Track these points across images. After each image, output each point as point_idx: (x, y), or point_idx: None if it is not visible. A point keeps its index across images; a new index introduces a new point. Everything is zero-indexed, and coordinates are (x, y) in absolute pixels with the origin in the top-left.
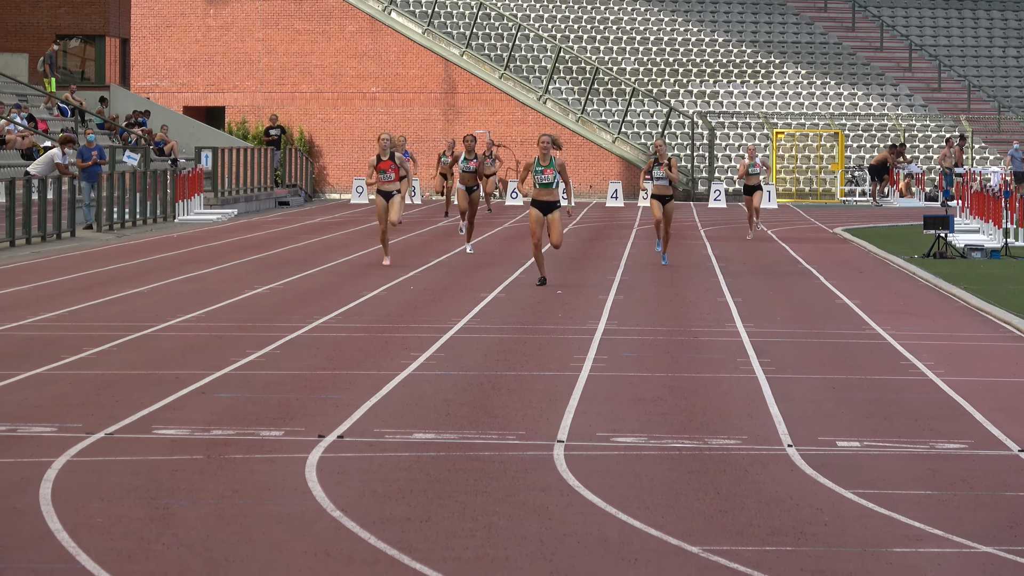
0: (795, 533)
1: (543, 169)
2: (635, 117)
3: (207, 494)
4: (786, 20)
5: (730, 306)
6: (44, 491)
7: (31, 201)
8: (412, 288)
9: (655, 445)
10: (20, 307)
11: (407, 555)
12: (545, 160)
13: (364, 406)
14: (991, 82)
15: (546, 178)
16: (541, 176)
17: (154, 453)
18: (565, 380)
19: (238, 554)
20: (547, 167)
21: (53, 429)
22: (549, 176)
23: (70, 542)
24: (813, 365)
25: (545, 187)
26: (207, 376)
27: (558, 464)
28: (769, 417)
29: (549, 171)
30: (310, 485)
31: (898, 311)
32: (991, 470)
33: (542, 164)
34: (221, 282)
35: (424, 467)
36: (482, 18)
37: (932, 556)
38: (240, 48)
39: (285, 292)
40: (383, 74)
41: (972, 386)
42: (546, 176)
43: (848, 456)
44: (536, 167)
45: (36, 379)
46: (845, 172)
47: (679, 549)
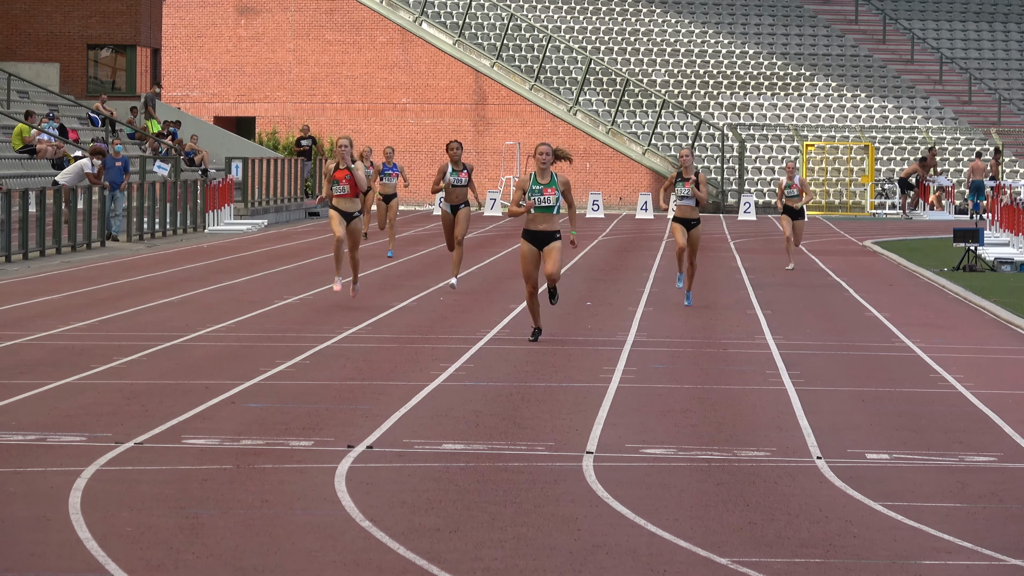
0: (824, 545)
1: (542, 188)
2: (665, 129)
3: (237, 504)
4: (817, 32)
5: (759, 318)
6: (74, 500)
7: (62, 211)
8: (441, 299)
9: (684, 456)
10: (51, 316)
11: (436, 565)
12: (544, 177)
13: (393, 417)
14: (1022, 95)
15: (546, 200)
16: (539, 198)
17: (184, 463)
18: (594, 391)
19: (268, 564)
20: (547, 186)
21: (83, 438)
22: (550, 198)
23: (100, 551)
24: (842, 377)
25: (543, 212)
26: (237, 386)
27: (587, 475)
28: (798, 429)
29: (550, 191)
30: (339, 495)
31: (928, 324)
32: (1020, 483)
33: (540, 182)
34: (251, 292)
35: (453, 478)
36: (513, 29)
37: (961, 569)
38: (271, 58)
39: (315, 303)
40: (413, 85)
41: (1001, 399)
42: (546, 198)
43: (877, 468)
44: (532, 186)
45: (66, 388)
46: (875, 185)
47: (708, 560)
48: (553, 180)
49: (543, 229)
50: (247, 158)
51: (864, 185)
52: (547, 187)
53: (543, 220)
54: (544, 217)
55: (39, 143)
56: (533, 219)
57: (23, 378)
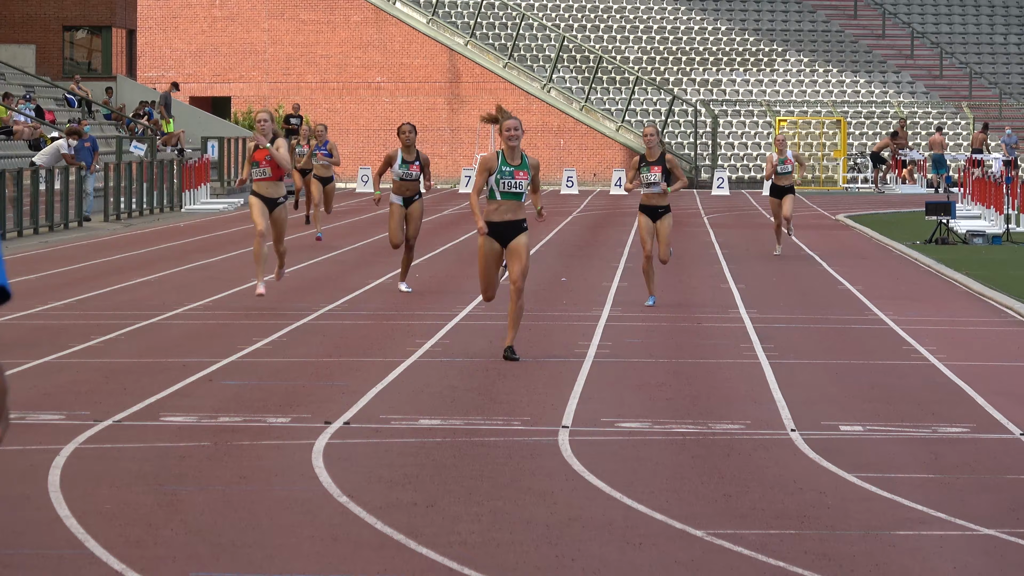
0: (799, 516)
1: (512, 171)
2: (639, 106)
3: (215, 480)
4: (788, 8)
5: (733, 292)
6: (53, 478)
7: (39, 191)
8: (418, 276)
9: (659, 430)
10: (29, 296)
11: (413, 540)
12: (515, 158)
13: (370, 393)
14: (992, 69)
15: (516, 185)
16: (509, 182)
17: (162, 440)
18: (570, 366)
19: (246, 540)
20: (518, 168)
21: (61, 417)
22: (521, 182)
23: (79, 528)
24: (816, 350)
25: (512, 199)
26: (214, 364)
27: (563, 449)
28: (772, 402)
29: (522, 174)
30: (317, 471)
31: (900, 297)
32: (993, 454)
33: (511, 163)
34: (228, 271)
35: (430, 453)
36: (486, 8)
37: (935, 539)
38: (246, 39)
39: (291, 280)
40: (388, 64)
41: (974, 370)
42: (517, 182)
43: (851, 440)
44: (502, 167)
45: (44, 367)
46: (847, 159)
47: (683, 532)
48: (524, 161)
49: (509, 220)
50: (223, 138)
51: (836, 159)
52: (518, 169)
53: (510, 209)
54: (512, 206)
55: (15, 124)
56: (498, 208)
57: (1, 357)
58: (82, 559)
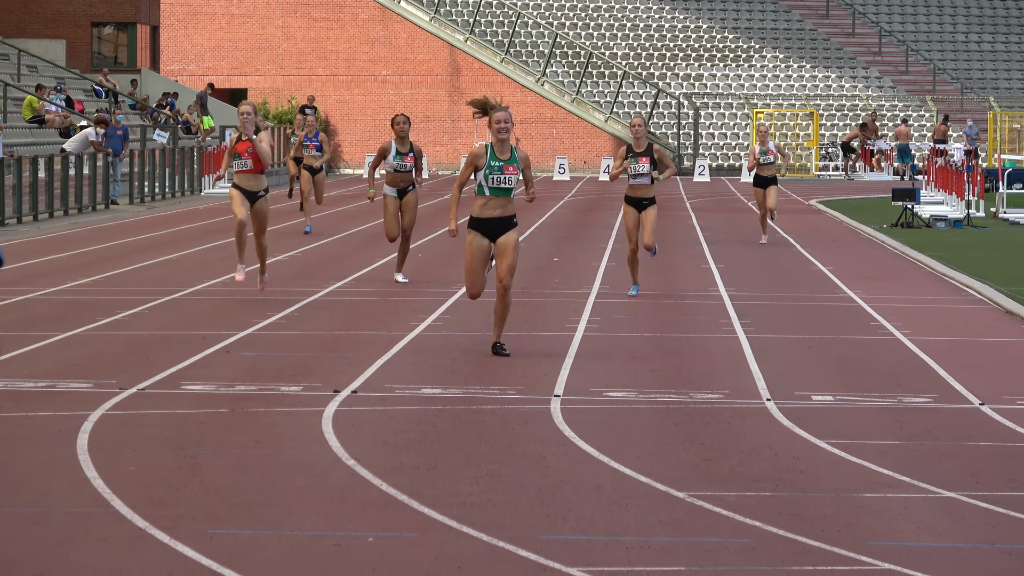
0: (773, 480)
1: (502, 165)
2: (626, 98)
3: (231, 445)
4: (765, 8)
5: (714, 272)
6: (81, 442)
7: (68, 176)
8: (420, 256)
9: (644, 399)
10: (59, 273)
11: (416, 500)
12: (504, 152)
13: (376, 363)
14: (954, 65)
15: (506, 180)
16: (498, 177)
17: (182, 407)
18: (562, 340)
19: (260, 500)
20: (508, 162)
21: (89, 385)
22: (511, 177)
23: (105, 489)
24: (790, 326)
25: (500, 195)
26: (231, 336)
27: (555, 417)
28: (749, 373)
29: (511, 169)
30: (326, 436)
31: (868, 276)
32: (954, 422)
33: (500, 157)
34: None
35: (431, 420)
36: (485, 6)
37: (900, 501)
38: (261, 35)
39: (303, 259)
40: (393, 58)
41: (936, 345)
42: (506, 177)
43: (822, 409)
44: (491, 162)
45: (73, 339)
46: (820, 149)
47: (667, 495)
48: (514, 156)
49: (499, 216)
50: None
51: (809, 149)
52: (508, 164)
53: (499, 205)
54: (501, 202)
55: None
56: (486, 204)
57: (34, 330)
58: (108, 517)
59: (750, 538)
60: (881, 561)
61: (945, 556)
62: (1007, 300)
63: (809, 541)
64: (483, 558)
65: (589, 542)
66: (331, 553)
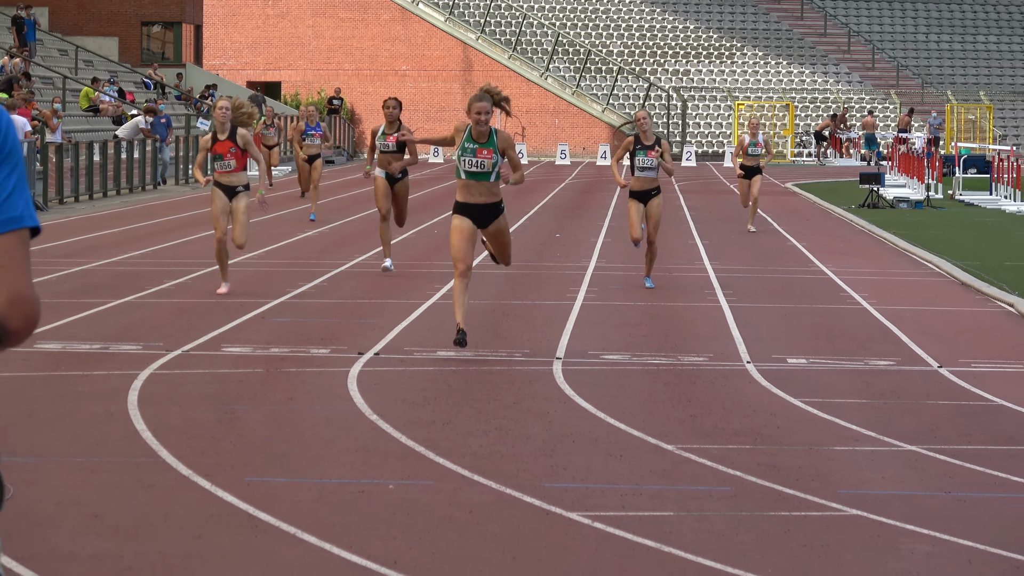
0: (753, 434)
1: (475, 149)
2: (621, 91)
3: (266, 401)
4: (746, 10)
5: (699, 248)
6: (132, 398)
7: (120, 159)
8: (436, 232)
9: (637, 362)
10: (112, 247)
11: (432, 451)
12: (481, 135)
13: (396, 329)
14: (916, 62)
15: (479, 164)
16: (470, 160)
17: (222, 367)
18: (562, 308)
19: (292, 451)
20: (483, 146)
21: (139, 347)
22: (485, 161)
23: (153, 440)
24: (768, 296)
25: (477, 179)
26: (266, 304)
27: (557, 377)
28: (731, 339)
29: (486, 152)
30: (352, 394)
31: (838, 252)
32: (915, 383)
33: (476, 141)
34: (277, 226)
35: (446, 379)
36: (494, 8)
37: (866, 453)
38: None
39: (331, 235)
40: (412, 55)
41: (900, 313)
42: (479, 161)
43: (797, 371)
44: (465, 143)
45: (124, 306)
46: (795, 137)
47: (657, 447)
48: (492, 140)
49: (483, 202)
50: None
51: (786, 137)
52: (483, 147)
53: (480, 191)
54: (480, 187)
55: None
56: (467, 188)
57: (89, 298)
58: (156, 466)
59: (732, 486)
60: (849, 508)
61: (907, 503)
62: (962, 273)
63: (785, 489)
64: (492, 504)
65: (587, 489)
66: (356, 499)
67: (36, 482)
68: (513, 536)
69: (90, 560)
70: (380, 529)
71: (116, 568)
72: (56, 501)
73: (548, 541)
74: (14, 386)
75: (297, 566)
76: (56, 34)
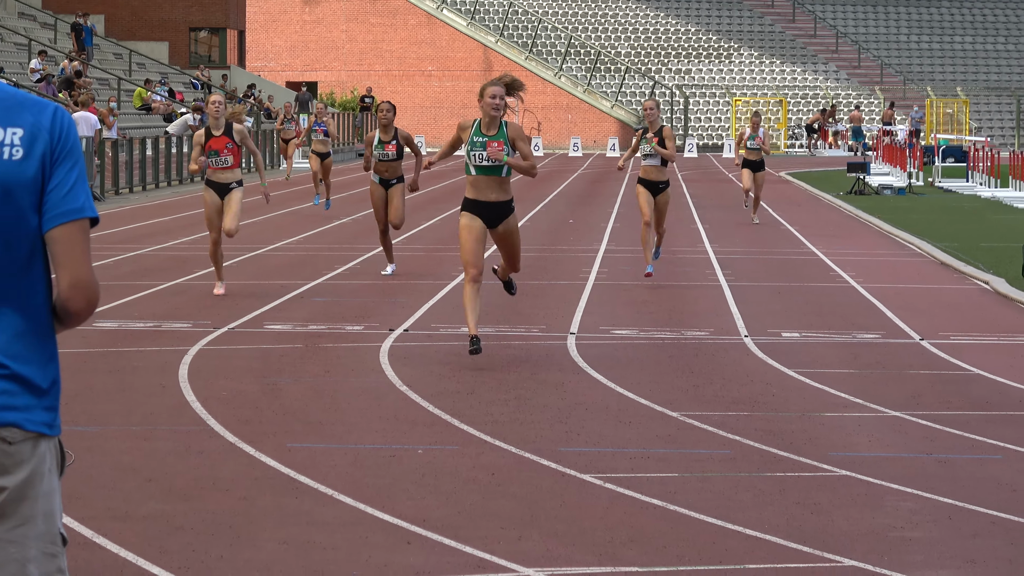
0: (750, 402)
1: (485, 142)
2: (628, 89)
3: (305, 374)
4: (742, 14)
5: (701, 231)
6: (182, 372)
7: (171, 153)
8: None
9: (644, 336)
10: (162, 234)
11: (457, 419)
12: (491, 127)
13: (424, 307)
14: (898, 61)
15: (493, 158)
16: (480, 154)
17: (265, 343)
18: (576, 287)
19: (329, 419)
20: (493, 138)
21: (189, 325)
22: (498, 151)
23: (202, 410)
24: (763, 275)
25: (488, 174)
26: (305, 285)
27: (571, 350)
28: (730, 315)
29: (496, 145)
30: (383, 367)
31: (828, 235)
32: (898, 354)
33: (485, 133)
34: (315, 214)
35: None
36: (512, 13)
37: (854, 419)
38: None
39: (364, 221)
40: (437, 56)
41: (884, 291)
42: (494, 152)
43: (790, 344)
44: (474, 137)
45: (176, 287)
46: (788, 130)
47: (663, 414)
48: (503, 131)
49: (493, 200)
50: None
51: (779, 130)
52: (493, 140)
53: (491, 187)
54: (492, 183)
55: (153, 103)
56: (476, 185)
57: (143, 280)
58: (204, 434)
59: (731, 450)
60: (839, 468)
61: (891, 464)
62: (942, 253)
63: (779, 452)
64: (512, 466)
65: (599, 453)
66: (387, 462)
67: (95, 449)
68: (531, 496)
69: (145, 520)
70: (410, 490)
71: (169, 527)
72: (113, 466)
73: (563, 500)
74: (75, 362)
75: (334, 524)
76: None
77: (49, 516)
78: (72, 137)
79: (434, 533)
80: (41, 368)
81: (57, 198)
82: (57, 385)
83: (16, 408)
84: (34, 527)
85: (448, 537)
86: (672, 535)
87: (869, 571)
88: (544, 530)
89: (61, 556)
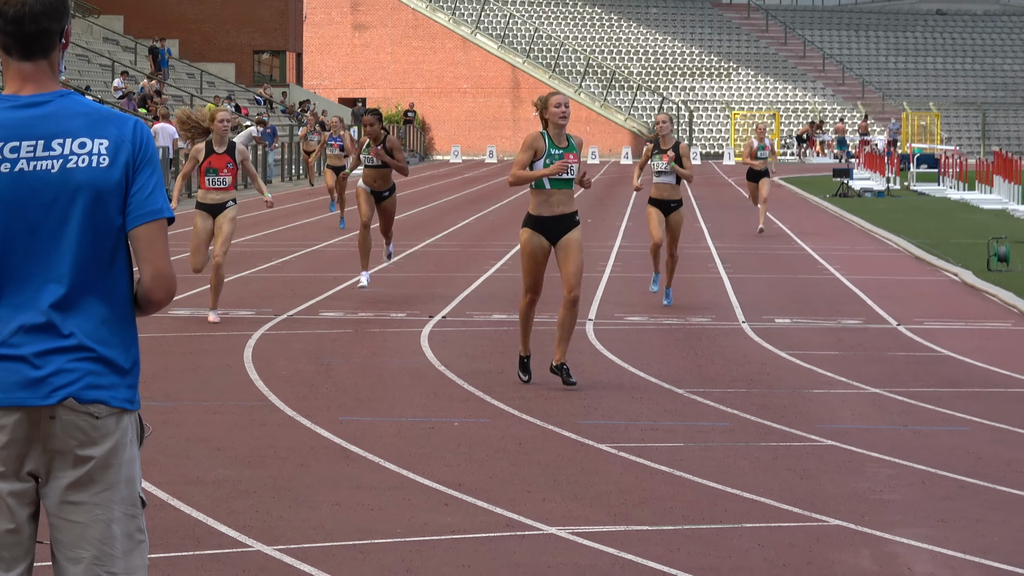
0: (747, 380)
1: (562, 154)
2: (639, 104)
3: (355, 355)
4: (740, 38)
5: (703, 229)
6: (247, 354)
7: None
8: (491, 219)
9: (653, 322)
10: None
11: (488, 395)
12: (562, 139)
13: (459, 296)
14: (878, 79)
15: (569, 170)
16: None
17: (320, 328)
18: (593, 279)
19: (376, 395)
20: (567, 151)
21: (253, 312)
22: (573, 167)
23: (264, 387)
24: (759, 268)
25: (562, 187)
26: (356, 277)
27: (588, 334)
28: (729, 303)
29: (572, 157)
30: (424, 349)
31: (815, 232)
32: (878, 338)
33: (559, 146)
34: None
35: (500, 337)
36: (537, 38)
37: (839, 395)
38: (375, 59)
39: (405, 221)
40: (471, 76)
41: (866, 282)
42: (569, 166)
43: (783, 329)
44: (551, 150)
45: (241, 280)
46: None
47: (670, 391)
48: (572, 143)
49: (560, 213)
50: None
51: (772, 140)
52: (568, 152)
53: (562, 201)
54: (564, 196)
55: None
56: (547, 199)
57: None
58: (266, 408)
59: (731, 422)
60: (825, 439)
61: (872, 435)
62: (916, 249)
63: (773, 424)
64: (537, 437)
65: (614, 425)
66: (427, 433)
67: (170, 422)
68: (554, 463)
69: (214, 484)
70: (447, 458)
71: (235, 491)
72: (186, 437)
73: (582, 467)
74: (152, 344)
75: (381, 488)
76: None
77: (130, 482)
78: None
79: (469, 496)
80: (124, 351)
81: (139, 200)
82: (137, 366)
83: (102, 387)
84: (117, 491)
85: (481, 499)
86: (678, 498)
87: (852, 529)
88: (565, 493)
89: (141, 517)
